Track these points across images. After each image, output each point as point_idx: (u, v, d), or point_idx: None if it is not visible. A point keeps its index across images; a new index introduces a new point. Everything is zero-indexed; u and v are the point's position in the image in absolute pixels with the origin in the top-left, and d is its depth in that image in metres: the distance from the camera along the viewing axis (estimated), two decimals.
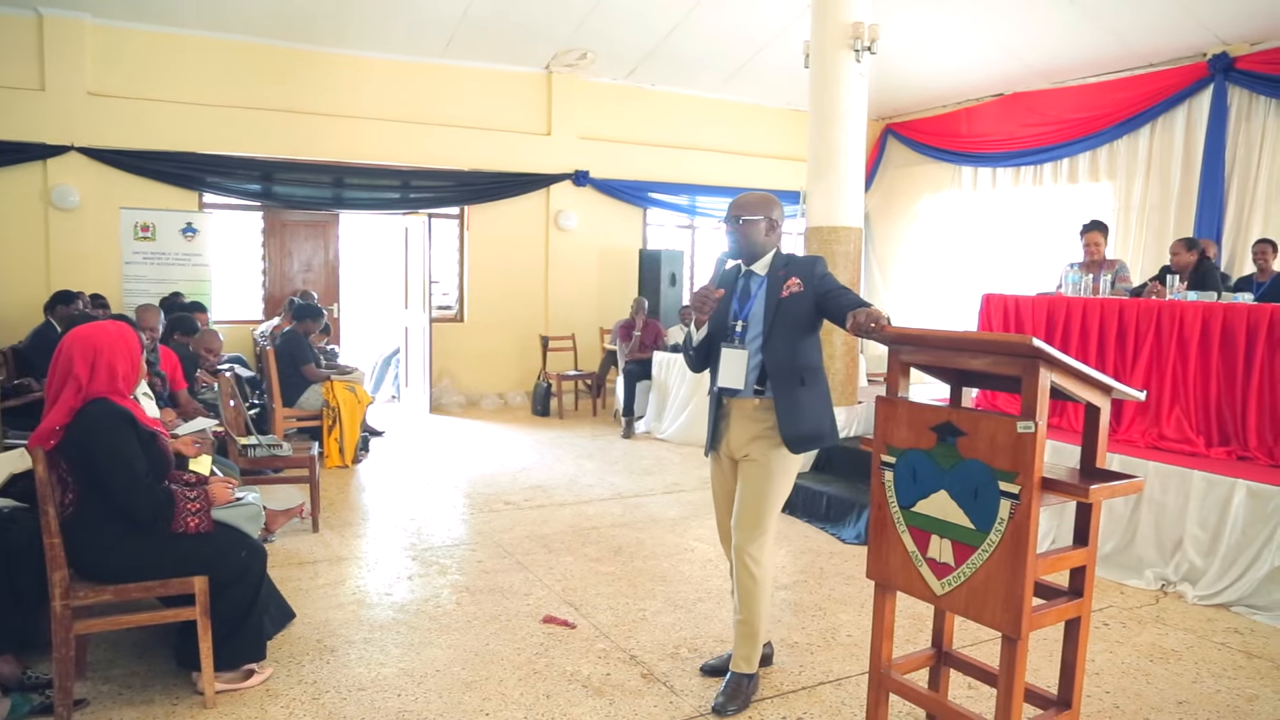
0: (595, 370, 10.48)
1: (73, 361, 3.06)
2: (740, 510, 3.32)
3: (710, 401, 3.44)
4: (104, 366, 3.09)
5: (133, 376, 3.23)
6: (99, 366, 3.08)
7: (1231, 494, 4.46)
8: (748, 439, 3.30)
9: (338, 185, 9.83)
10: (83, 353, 3.08)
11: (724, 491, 3.48)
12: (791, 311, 3.24)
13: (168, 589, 3.14)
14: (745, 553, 3.29)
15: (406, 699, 3.30)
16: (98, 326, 3.24)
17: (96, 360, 3.08)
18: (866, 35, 6.38)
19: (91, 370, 3.07)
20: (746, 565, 3.29)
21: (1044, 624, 2.49)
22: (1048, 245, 10.34)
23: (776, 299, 3.26)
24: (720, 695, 3.29)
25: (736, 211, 3.37)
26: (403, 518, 5.75)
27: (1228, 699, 3.48)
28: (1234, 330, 5.04)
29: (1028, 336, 2.24)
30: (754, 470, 3.29)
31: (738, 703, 3.27)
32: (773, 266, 3.34)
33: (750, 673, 3.35)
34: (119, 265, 8.73)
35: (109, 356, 3.11)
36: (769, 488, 3.28)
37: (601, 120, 11.05)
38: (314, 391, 7.25)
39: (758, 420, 3.28)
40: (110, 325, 3.28)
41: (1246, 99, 8.58)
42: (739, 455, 3.35)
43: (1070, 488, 2.35)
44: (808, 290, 3.24)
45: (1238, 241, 8.59)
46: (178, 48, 8.86)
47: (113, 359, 3.12)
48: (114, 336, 3.18)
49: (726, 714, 3.23)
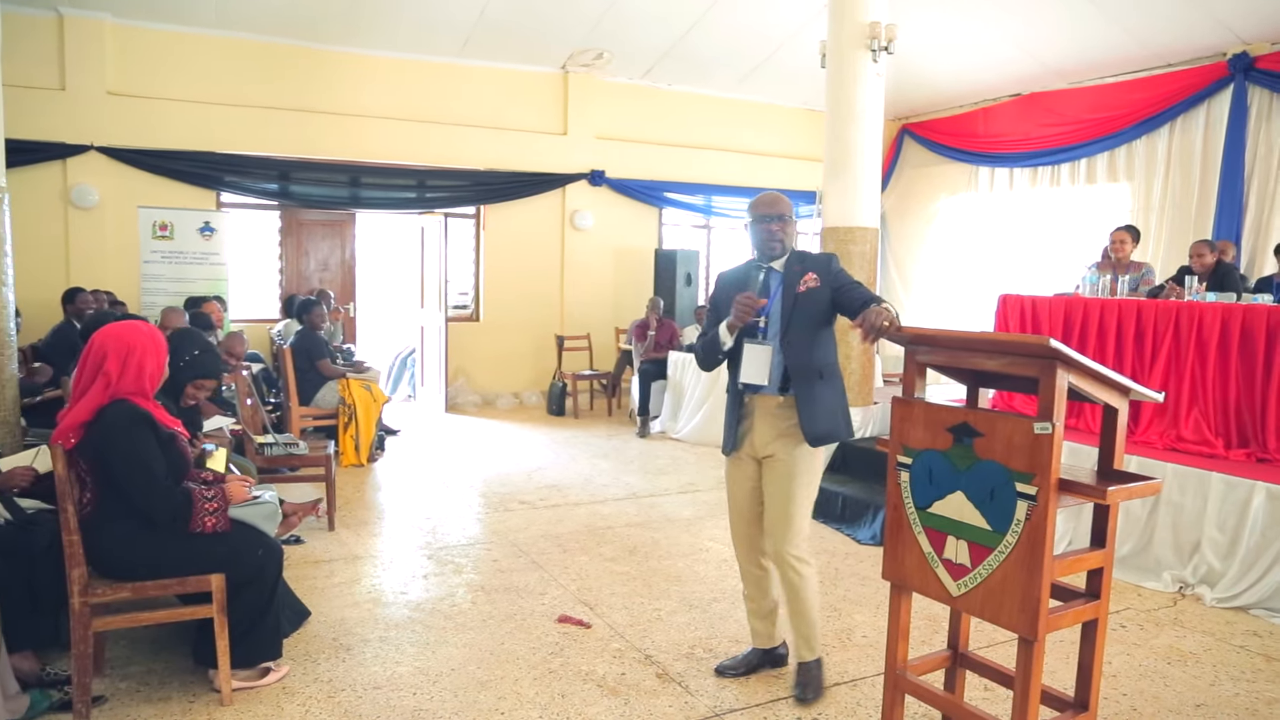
0: (610, 370, 10.49)
1: (105, 357, 3.09)
2: (773, 513, 3.34)
3: (730, 400, 3.42)
4: (134, 365, 3.13)
5: (158, 378, 3.27)
6: (130, 364, 3.12)
7: (1251, 496, 4.42)
8: (772, 437, 3.30)
9: (354, 185, 9.87)
10: (116, 350, 3.11)
11: (743, 493, 3.45)
12: (808, 307, 3.25)
13: (185, 587, 3.17)
14: (787, 555, 3.31)
15: (422, 697, 3.31)
16: (131, 325, 3.28)
17: (129, 358, 3.12)
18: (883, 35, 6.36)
19: (123, 367, 3.11)
20: (792, 565, 3.32)
21: (1061, 626, 2.48)
22: (1066, 246, 10.28)
23: (794, 294, 3.27)
24: (796, 687, 3.39)
25: (781, 209, 3.35)
26: (418, 516, 5.77)
27: (1246, 702, 3.45)
28: (1254, 332, 4.99)
29: (1045, 337, 2.23)
30: (781, 470, 3.29)
31: (814, 688, 3.36)
32: (788, 263, 3.35)
33: (815, 658, 3.42)
34: (137, 264, 8.80)
35: (140, 356, 3.15)
36: (798, 486, 3.30)
37: (617, 120, 11.05)
38: (330, 389, 7.29)
39: (782, 418, 3.28)
40: (143, 325, 3.34)
41: (1267, 99, 8.50)
42: (762, 454, 3.34)
43: (1087, 489, 2.34)
44: (824, 285, 3.26)
45: (1257, 243, 8.51)
46: (196, 47, 8.93)
47: (144, 358, 3.16)
48: (147, 336, 3.23)
49: (808, 701, 3.32)
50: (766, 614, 3.57)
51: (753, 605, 3.58)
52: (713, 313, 3.48)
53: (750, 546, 3.49)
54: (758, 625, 3.60)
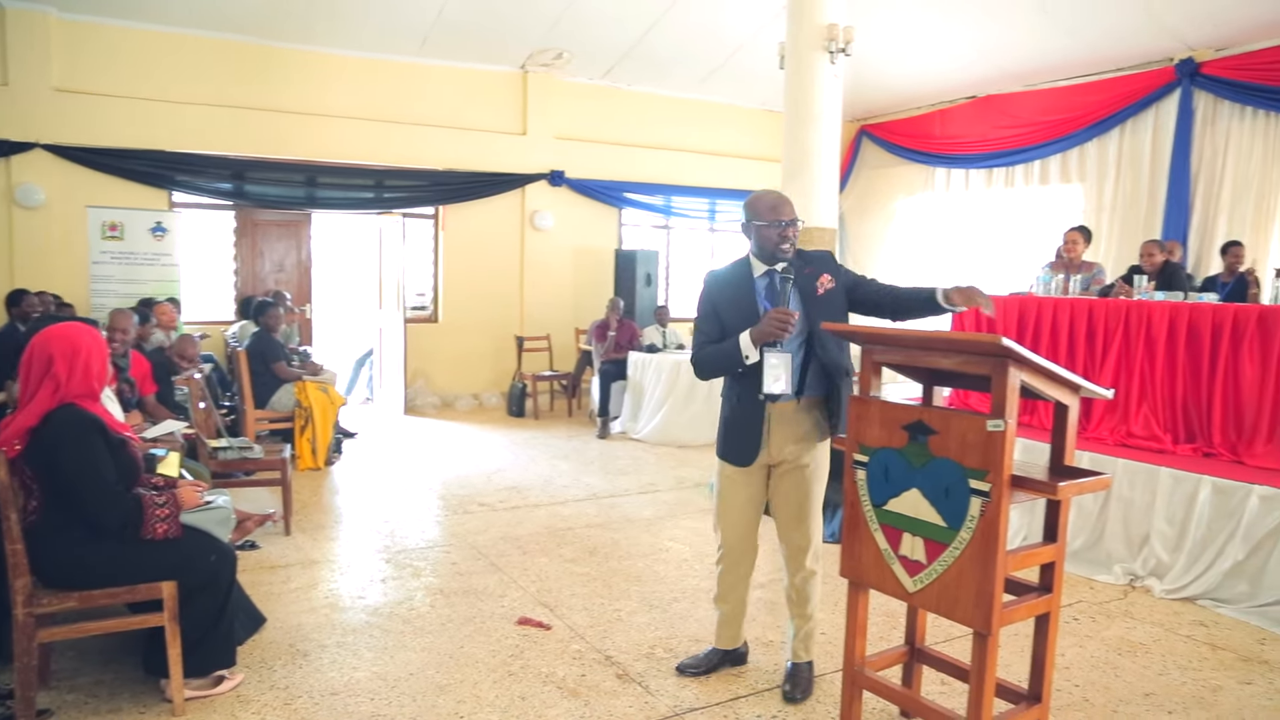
0: (571, 371, 10.47)
1: (52, 359, 3.03)
2: (793, 516, 3.36)
3: (745, 411, 3.30)
4: (82, 366, 3.08)
5: (104, 378, 3.21)
6: (77, 366, 3.07)
7: (1197, 490, 4.53)
8: (789, 441, 3.29)
9: (311, 184, 9.74)
10: (63, 351, 3.05)
11: (751, 502, 3.42)
12: (828, 308, 3.24)
13: (135, 595, 3.10)
14: (808, 554, 3.36)
15: (380, 703, 3.28)
16: (76, 326, 3.23)
17: (75, 359, 3.07)
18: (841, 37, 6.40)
19: (70, 369, 3.05)
20: (809, 567, 3.37)
21: (1014, 620, 2.52)
22: (1020, 246, 10.44)
23: (813, 298, 3.24)
24: (787, 685, 3.42)
25: (794, 211, 3.25)
26: (376, 520, 5.71)
27: (1193, 690, 3.53)
28: (1199, 330, 5.11)
29: (997, 336, 2.26)
30: (798, 475, 3.32)
31: (803, 689, 3.41)
32: (796, 266, 3.26)
33: (810, 660, 3.49)
34: (86, 265, 8.60)
35: (87, 356, 3.10)
36: (816, 487, 3.35)
37: (577, 120, 11.03)
38: (286, 392, 7.19)
39: (798, 422, 3.29)
40: (85, 326, 3.29)
41: (1212, 103, 8.70)
42: (775, 460, 3.33)
43: (1039, 485, 2.38)
44: (839, 285, 3.28)
45: (1203, 243, 8.71)
46: (146, 43, 8.75)
47: (89, 359, 3.11)
48: (91, 336, 3.19)
49: (798, 700, 3.35)
50: (736, 618, 3.60)
51: (727, 609, 3.57)
52: (710, 317, 3.37)
53: (747, 553, 3.50)
54: (727, 629, 3.61)
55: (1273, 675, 3.69)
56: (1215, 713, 3.35)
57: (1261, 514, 4.27)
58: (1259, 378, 4.86)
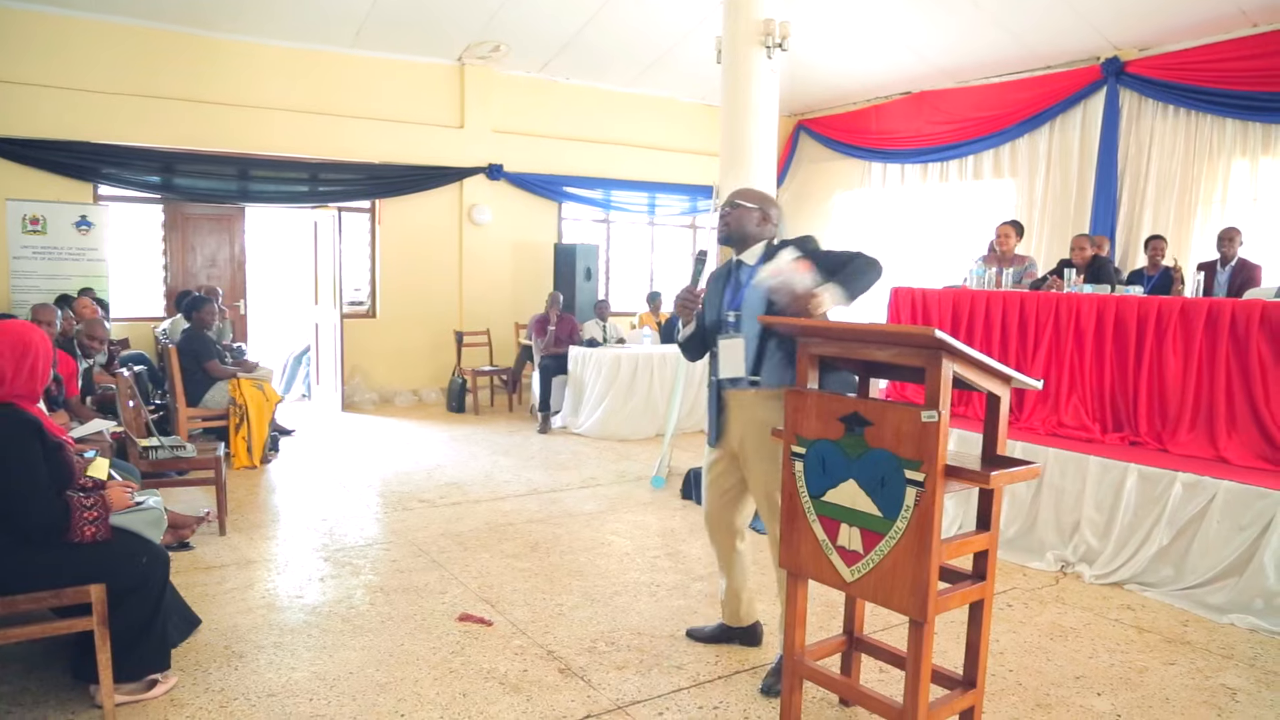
0: (511, 366, 10.40)
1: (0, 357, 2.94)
2: (760, 500, 3.42)
3: (710, 394, 3.48)
4: (28, 366, 3.00)
5: (46, 381, 3.14)
6: (24, 366, 2.98)
7: (1124, 478, 4.67)
8: (750, 431, 3.34)
9: (243, 177, 9.52)
10: (13, 349, 2.96)
11: (720, 483, 3.55)
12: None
13: (61, 599, 3.00)
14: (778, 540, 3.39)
15: (319, 703, 3.23)
16: (26, 325, 3.14)
17: (23, 360, 2.98)
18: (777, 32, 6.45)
19: (17, 369, 2.96)
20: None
21: (949, 607, 2.57)
22: (955, 240, 10.65)
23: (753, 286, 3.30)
24: (770, 676, 3.42)
25: (736, 196, 3.44)
26: (314, 518, 5.62)
27: (1120, 672, 3.65)
28: (1126, 322, 5.26)
29: (930, 328, 2.31)
30: (761, 465, 3.34)
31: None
32: (765, 256, 3.33)
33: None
34: (6, 260, 8.30)
35: (34, 358, 3.02)
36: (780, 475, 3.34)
37: (515, 113, 10.95)
38: (219, 389, 7.03)
39: (753, 409, 3.33)
40: (33, 325, 3.20)
41: (1137, 101, 8.97)
42: (738, 447, 3.41)
43: (972, 475, 2.43)
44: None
45: (1130, 237, 8.97)
46: (70, 31, 8.45)
47: (36, 361, 3.03)
48: (42, 338, 3.10)
49: (776, 694, 3.31)
50: (733, 594, 3.70)
51: (724, 584, 3.71)
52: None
53: (727, 530, 3.61)
54: (725, 604, 3.75)
55: (1195, 656, 3.83)
56: (1141, 693, 3.47)
57: (1184, 500, 4.42)
58: (1182, 369, 5.02)
